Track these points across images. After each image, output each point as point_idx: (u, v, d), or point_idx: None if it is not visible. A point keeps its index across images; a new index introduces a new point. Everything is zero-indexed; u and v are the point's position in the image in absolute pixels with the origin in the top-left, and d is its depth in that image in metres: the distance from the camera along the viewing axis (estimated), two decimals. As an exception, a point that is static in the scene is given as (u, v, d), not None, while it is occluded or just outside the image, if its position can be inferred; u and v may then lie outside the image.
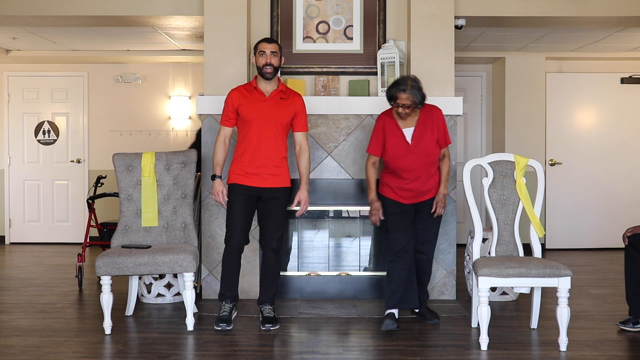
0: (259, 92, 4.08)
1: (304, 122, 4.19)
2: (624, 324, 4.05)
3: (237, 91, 4.14)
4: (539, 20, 5.30)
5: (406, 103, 3.85)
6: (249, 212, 4.12)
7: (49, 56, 7.48)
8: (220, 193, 4.12)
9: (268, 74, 4.03)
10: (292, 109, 4.12)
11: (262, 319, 4.09)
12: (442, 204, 4.06)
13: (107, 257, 3.92)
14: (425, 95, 3.94)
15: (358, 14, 4.94)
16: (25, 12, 5.24)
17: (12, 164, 7.97)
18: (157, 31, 6.28)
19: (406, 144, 3.97)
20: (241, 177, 4.08)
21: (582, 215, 7.44)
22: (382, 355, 3.58)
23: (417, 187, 4.02)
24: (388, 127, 4.02)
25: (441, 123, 4.02)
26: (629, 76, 7.42)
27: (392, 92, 3.89)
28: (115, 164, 4.39)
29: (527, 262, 3.68)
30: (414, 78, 3.94)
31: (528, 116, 7.33)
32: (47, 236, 7.94)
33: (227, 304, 4.11)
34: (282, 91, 4.12)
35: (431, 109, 4.02)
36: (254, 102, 4.06)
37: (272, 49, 4.02)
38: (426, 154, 3.96)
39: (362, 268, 4.99)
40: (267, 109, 4.05)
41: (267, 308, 4.13)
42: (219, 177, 4.13)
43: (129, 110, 7.90)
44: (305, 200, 4.18)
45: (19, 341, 3.80)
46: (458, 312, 4.44)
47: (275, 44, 4.08)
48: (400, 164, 3.99)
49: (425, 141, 3.96)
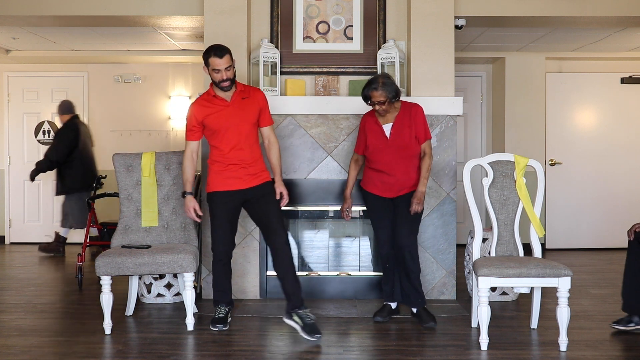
0: (219, 99, 3.97)
1: (268, 116, 4.09)
2: (617, 323, 4.02)
3: (197, 104, 4.01)
4: (539, 20, 5.30)
5: (380, 100, 3.97)
6: (232, 218, 4.04)
7: (49, 56, 7.48)
8: (192, 209, 4.02)
9: (225, 87, 3.91)
10: (256, 106, 4.01)
11: (304, 326, 3.80)
12: (417, 200, 4.06)
13: (107, 257, 3.92)
14: (399, 90, 4.04)
15: (358, 14, 4.94)
16: (25, 12, 5.24)
17: (12, 164, 7.97)
18: (157, 31, 6.28)
19: (385, 138, 4.10)
20: (220, 183, 3.99)
21: (582, 215, 7.45)
22: (382, 355, 3.58)
23: (396, 181, 4.11)
24: (368, 125, 4.18)
25: (419, 118, 4.09)
26: (629, 76, 7.42)
27: (365, 92, 4.02)
28: (115, 164, 4.39)
29: (527, 262, 3.67)
30: (385, 75, 4.06)
31: (528, 116, 7.34)
32: (47, 236, 7.94)
33: (223, 307, 4.10)
34: (241, 91, 4.00)
35: (410, 106, 4.12)
36: (218, 111, 3.95)
37: (225, 65, 3.84)
38: (404, 148, 4.06)
39: (362, 268, 4.99)
40: (232, 113, 3.94)
41: (304, 313, 3.85)
42: (189, 193, 4.03)
43: (129, 110, 7.90)
44: (286, 192, 4.08)
45: (19, 341, 3.80)
46: (458, 312, 4.44)
47: (227, 55, 3.87)
48: (379, 157, 4.11)
49: (403, 136, 4.06)
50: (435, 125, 4.72)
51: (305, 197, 4.82)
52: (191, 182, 4.05)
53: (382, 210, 4.20)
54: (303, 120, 4.80)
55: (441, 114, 4.74)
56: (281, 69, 4.89)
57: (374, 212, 4.24)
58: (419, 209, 4.09)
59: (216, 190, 4.01)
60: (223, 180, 3.99)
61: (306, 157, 4.81)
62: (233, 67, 3.91)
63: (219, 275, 4.09)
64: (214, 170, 4.03)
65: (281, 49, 4.92)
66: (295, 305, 3.88)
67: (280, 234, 3.95)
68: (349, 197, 4.34)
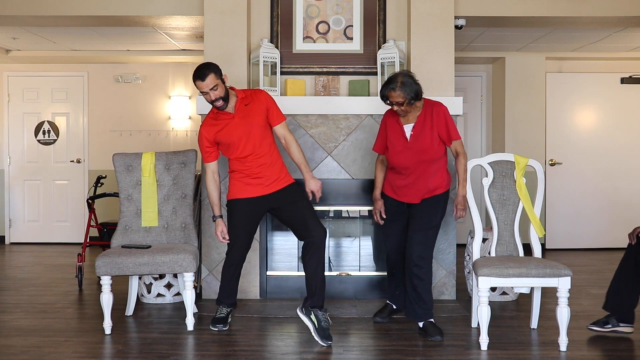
0: (223, 113, 3.91)
1: (277, 113, 3.97)
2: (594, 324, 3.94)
3: (205, 125, 3.95)
4: (539, 20, 5.30)
5: (398, 100, 3.72)
6: (252, 227, 4.00)
7: (49, 56, 7.48)
8: (220, 233, 4.00)
9: (220, 107, 3.85)
10: (261, 108, 3.93)
11: (319, 328, 3.76)
12: (461, 206, 3.86)
13: (107, 257, 3.92)
14: (420, 90, 3.77)
15: (358, 14, 4.94)
16: (25, 12, 5.24)
17: (12, 164, 7.97)
18: (157, 31, 6.28)
19: (404, 140, 3.87)
20: (241, 190, 3.94)
21: (582, 215, 7.45)
22: (382, 355, 3.58)
23: (411, 184, 3.90)
24: (390, 124, 3.96)
25: (442, 119, 3.82)
26: (629, 76, 7.42)
27: (383, 92, 3.77)
28: (115, 164, 4.39)
29: (527, 262, 3.68)
30: (405, 73, 3.78)
31: (528, 116, 7.34)
32: (47, 236, 7.95)
33: (225, 308, 4.10)
34: (243, 99, 3.92)
35: (432, 105, 3.87)
36: (225, 126, 3.88)
37: (210, 86, 3.73)
38: (422, 152, 3.82)
39: (362, 268, 4.98)
40: (239, 124, 3.87)
41: (322, 315, 3.80)
42: (219, 216, 4.02)
43: (129, 110, 7.90)
44: (317, 188, 3.98)
45: (19, 341, 3.80)
46: (458, 312, 4.44)
47: (211, 75, 3.72)
48: (396, 160, 3.92)
49: (423, 139, 3.82)
50: (435, 125, 4.72)
51: (305, 197, 4.81)
52: (218, 204, 4.02)
53: (395, 215, 4.03)
54: (303, 120, 4.80)
55: (441, 114, 4.73)
56: (281, 69, 4.89)
57: (387, 215, 4.08)
58: (463, 214, 3.89)
59: (237, 198, 3.95)
60: (244, 187, 3.94)
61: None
62: (223, 83, 3.80)
63: (228, 278, 4.05)
64: (234, 178, 3.99)
65: (281, 49, 4.92)
66: (316, 305, 3.83)
67: (318, 232, 3.84)
68: (379, 198, 4.11)
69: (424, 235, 3.87)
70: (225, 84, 3.83)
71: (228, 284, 4.06)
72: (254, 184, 3.92)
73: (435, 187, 3.91)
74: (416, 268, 3.84)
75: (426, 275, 3.87)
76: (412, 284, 3.87)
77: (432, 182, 3.90)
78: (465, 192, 3.89)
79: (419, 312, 3.88)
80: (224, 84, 3.82)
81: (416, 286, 3.86)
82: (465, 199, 3.89)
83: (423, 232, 3.87)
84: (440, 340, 3.80)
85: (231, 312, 4.17)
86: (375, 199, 4.14)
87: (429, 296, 3.89)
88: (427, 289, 3.88)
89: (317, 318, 3.79)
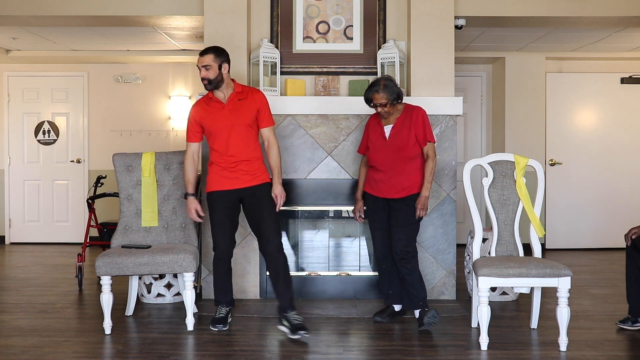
0: (215, 101, 4.01)
1: (267, 117, 4.06)
2: (622, 322, 4.06)
3: (197, 106, 4.08)
4: (539, 20, 5.30)
5: (382, 102, 3.97)
6: (231, 217, 4.06)
7: (49, 56, 7.48)
8: (193, 210, 4.06)
9: (205, 86, 3.96)
10: (253, 108, 4.01)
11: (291, 327, 3.86)
12: (421, 205, 4.04)
13: (107, 257, 3.92)
14: (401, 92, 4.04)
15: (358, 14, 4.94)
16: (25, 12, 5.24)
17: (12, 164, 7.97)
18: (157, 31, 6.28)
19: (383, 138, 4.11)
20: (218, 182, 4.02)
21: (582, 215, 7.45)
22: (382, 355, 3.58)
23: (390, 181, 4.08)
24: (372, 126, 4.21)
25: (420, 120, 4.06)
26: (629, 76, 7.42)
27: (367, 95, 4.02)
28: (115, 164, 4.39)
29: (527, 262, 3.67)
30: (387, 77, 4.07)
31: (528, 116, 7.34)
32: (47, 236, 7.94)
33: (224, 308, 4.12)
34: (238, 92, 4.01)
35: (412, 109, 4.11)
36: (214, 113, 3.99)
37: (202, 63, 3.92)
38: (399, 149, 4.04)
39: (362, 268, 4.99)
40: (227, 115, 3.97)
41: (292, 315, 3.93)
42: (191, 195, 4.08)
43: (129, 110, 7.90)
44: (281, 195, 4.04)
45: (19, 341, 3.80)
46: (458, 312, 4.44)
47: (209, 54, 3.93)
48: (376, 157, 4.13)
49: (401, 137, 4.05)
50: (435, 125, 4.72)
51: (305, 197, 4.82)
52: (192, 183, 4.09)
53: (377, 212, 4.20)
54: (303, 120, 4.80)
55: (441, 114, 4.74)
56: (281, 69, 4.89)
57: (370, 213, 4.27)
58: (423, 214, 4.07)
59: (214, 190, 4.04)
60: (220, 180, 4.02)
61: (306, 157, 4.81)
62: (219, 69, 3.91)
63: (220, 274, 4.09)
64: (211, 171, 4.07)
65: (281, 49, 4.92)
66: (283, 309, 3.94)
67: (271, 241, 3.96)
68: (360, 198, 4.34)
69: (405, 231, 4.07)
70: (221, 71, 3.94)
71: (221, 280, 4.09)
72: (230, 177, 4.00)
73: (410, 184, 4.09)
74: (404, 261, 4.05)
75: (414, 267, 4.08)
76: (403, 278, 4.10)
77: (407, 180, 4.08)
78: (428, 193, 4.08)
79: (416, 302, 4.07)
80: (220, 71, 3.93)
81: (407, 280, 4.07)
82: (427, 200, 4.07)
83: (404, 227, 4.07)
84: (436, 320, 3.97)
85: (230, 312, 4.18)
86: (357, 199, 4.37)
87: (422, 286, 4.10)
88: (417, 280, 4.08)
89: (287, 320, 3.90)
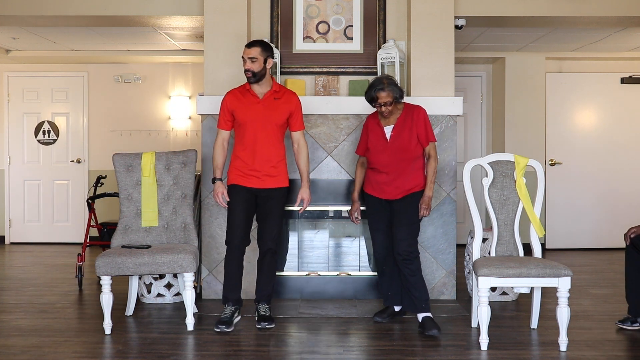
0: (252, 94, 4.08)
1: (300, 120, 4.17)
2: (622, 322, 4.06)
3: (231, 94, 4.15)
4: (539, 20, 5.30)
5: (387, 100, 3.94)
6: (249, 212, 4.13)
7: (49, 56, 7.48)
8: (220, 194, 4.13)
9: (248, 79, 4.04)
10: (287, 109, 4.11)
11: (258, 317, 4.11)
12: (426, 205, 4.03)
13: (107, 257, 3.92)
14: (403, 90, 4.03)
15: (358, 14, 4.94)
16: (25, 12, 5.24)
17: (12, 164, 7.97)
18: (157, 31, 6.28)
19: (385, 140, 4.06)
20: (240, 177, 4.10)
21: (582, 215, 7.45)
22: (382, 355, 3.58)
23: (393, 182, 4.04)
24: (371, 127, 4.16)
25: (421, 120, 4.03)
26: (629, 76, 7.42)
27: (371, 94, 3.97)
28: (115, 164, 4.39)
29: (527, 262, 3.67)
30: (387, 76, 4.05)
31: (528, 116, 7.34)
32: (47, 236, 7.94)
33: (230, 307, 4.10)
34: (275, 91, 4.10)
35: (412, 108, 4.08)
36: (248, 105, 4.06)
37: (249, 55, 3.99)
38: (402, 151, 4.00)
39: (362, 268, 4.98)
40: (260, 111, 4.05)
41: (263, 307, 4.15)
42: (219, 179, 4.16)
43: (129, 110, 7.90)
44: (308, 199, 4.20)
45: (19, 341, 3.80)
46: (458, 312, 4.44)
47: (256, 47, 4.01)
48: (378, 158, 4.08)
49: (402, 138, 4.01)
50: (435, 125, 4.72)
51: (305, 197, 4.81)
52: (221, 168, 4.16)
53: (378, 213, 4.16)
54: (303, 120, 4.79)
55: (441, 114, 4.74)
56: (281, 69, 4.89)
57: (370, 214, 4.23)
58: (427, 214, 4.05)
59: (236, 184, 4.11)
60: (241, 176, 4.09)
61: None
62: (264, 63, 3.99)
63: (231, 270, 4.10)
64: (235, 166, 4.12)
65: (281, 49, 4.92)
66: (258, 299, 4.18)
67: (268, 243, 4.10)
68: (357, 199, 4.30)
69: (408, 231, 4.02)
70: (266, 65, 4.02)
71: (232, 276, 4.10)
72: (253, 175, 4.07)
73: (414, 185, 4.06)
74: (406, 262, 3.98)
75: (417, 269, 4.03)
76: (405, 279, 4.02)
77: (410, 181, 4.05)
78: (432, 193, 4.06)
79: (417, 304, 4.00)
80: (265, 65, 4.01)
81: (409, 281, 4.00)
82: (431, 200, 4.06)
83: (406, 227, 4.02)
84: (437, 334, 3.84)
85: (237, 312, 4.17)
86: (353, 201, 4.32)
87: (424, 288, 4.02)
88: (420, 281, 4.02)
89: (257, 310, 4.17)
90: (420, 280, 4.02)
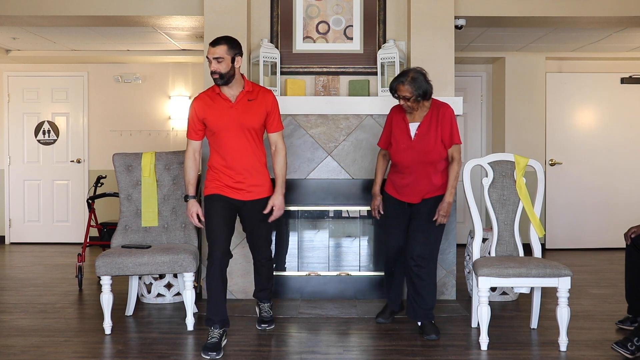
0: (223, 97, 3.65)
1: (277, 121, 3.77)
2: (622, 322, 4.06)
3: (200, 100, 3.70)
4: (539, 20, 5.30)
5: (405, 95, 3.71)
6: (229, 221, 3.71)
7: (49, 56, 7.48)
8: (194, 214, 3.73)
9: (215, 81, 3.60)
10: (262, 110, 3.70)
11: (259, 318, 4.10)
12: (443, 212, 3.80)
13: (107, 257, 3.92)
14: (430, 89, 3.75)
15: (358, 14, 4.94)
16: (25, 12, 5.24)
17: (12, 164, 7.97)
18: (157, 31, 6.28)
19: (409, 138, 3.84)
20: (219, 189, 3.72)
21: (582, 215, 7.45)
22: (382, 355, 3.58)
23: (412, 184, 3.88)
24: (395, 120, 3.93)
25: (447, 121, 3.80)
26: (629, 76, 7.42)
27: (392, 84, 3.76)
28: (115, 164, 4.39)
29: (527, 262, 3.68)
30: (418, 70, 3.76)
31: (528, 116, 7.34)
32: (47, 236, 7.95)
33: (217, 330, 3.58)
34: (249, 92, 3.68)
35: (439, 106, 3.85)
36: (220, 111, 3.63)
37: (214, 55, 3.53)
38: (425, 153, 3.80)
39: (362, 268, 4.99)
40: (234, 116, 3.62)
41: (265, 307, 4.10)
42: (192, 197, 3.74)
43: (129, 110, 7.90)
44: (279, 206, 3.77)
45: (19, 341, 3.80)
46: (458, 312, 4.44)
47: (222, 45, 3.54)
48: (399, 158, 3.89)
49: (427, 139, 3.79)
50: (435, 125, 4.72)
51: (305, 197, 4.82)
52: (193, 184, 3.75)
53: (397, 218, 4.00)
54: (303, 120, 4.80)
55: (441, 114, 4.74)
56: (281, 69, 4.89)
57: (389, 217, 4.06)
58: (444, 221, 3.82)
59: (214, 194, 3.74)
60: (219, 187, 3.72)
61: (306, 157, 4.81)
62: (232, 62, 3.57)
63: (214, 287, 3.58)
64: (212, 178, 3.75)
65: (281, 49, 4.92)
66: (260, 298, 4.13)
67: (262, 252, 3.95)
68: (378, 193, 4.10)
69: (425, 235, 3.86)
70: (234, 64, 3.60)
71: (216, 295, 3.58)
72: (230, 186, 3.71)
73: (436, 188, 3.90)
74: (416, 268, 3.84)
75: (427, 275, 3.87)
76: (412, 283, 3.88)
77: (433, 183, 3.88)
78: (452, 199, 3.83)
79: (418, 312, 3.89)
80: (233, 65, 3.59)
81: (416, 286, 3.87)
82: (450, 206, 3.83)
83: (424, 232, 3.86)
84: (435, 339, 3.80)
85: (224, 336, 3.65)
86: (375, 195, 4.15)
87: (431, 296, 3.89)
88: (428, 289, 3.87)
89: (259, 310, 4.14)
90: (427, 286, 3.86)
